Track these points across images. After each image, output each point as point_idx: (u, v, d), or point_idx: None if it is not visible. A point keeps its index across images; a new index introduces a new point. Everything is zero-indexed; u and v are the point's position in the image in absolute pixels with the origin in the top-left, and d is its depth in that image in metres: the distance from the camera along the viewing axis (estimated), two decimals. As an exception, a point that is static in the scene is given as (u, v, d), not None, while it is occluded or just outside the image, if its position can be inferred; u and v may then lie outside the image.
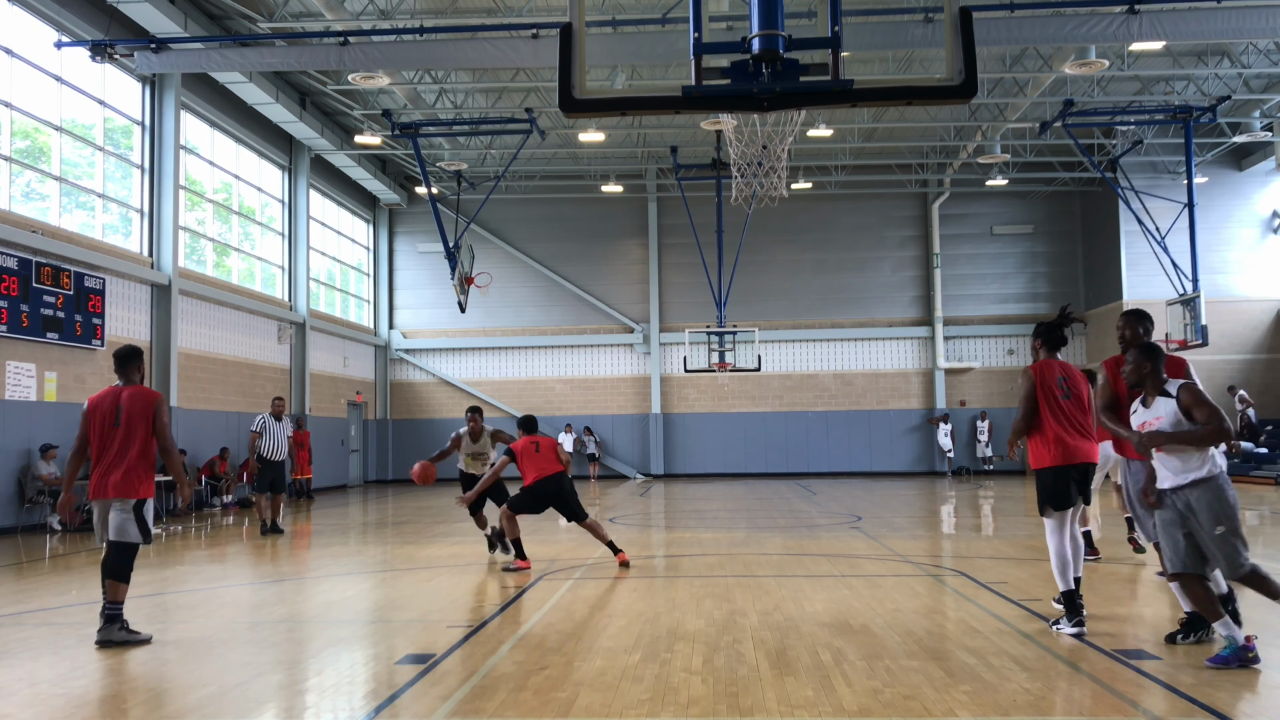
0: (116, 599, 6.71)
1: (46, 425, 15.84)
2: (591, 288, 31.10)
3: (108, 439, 6.89)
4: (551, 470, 9.97)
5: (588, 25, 6.65)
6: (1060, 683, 5.33)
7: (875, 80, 20.09)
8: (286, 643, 6.86)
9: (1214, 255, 26.30)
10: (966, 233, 30.93)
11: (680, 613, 7.47)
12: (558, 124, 24.83)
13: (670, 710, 4.94)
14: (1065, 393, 6.78)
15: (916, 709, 4.88)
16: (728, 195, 21.98)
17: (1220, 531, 5.54)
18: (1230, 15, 15.89)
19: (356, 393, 29.35)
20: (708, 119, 21.33)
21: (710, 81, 5.30)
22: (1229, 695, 5.13)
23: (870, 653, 6.06)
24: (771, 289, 30.69)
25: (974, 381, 30.32)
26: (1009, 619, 7.06)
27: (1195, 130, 23.51)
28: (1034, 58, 21.17)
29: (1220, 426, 5.58)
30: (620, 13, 18.31)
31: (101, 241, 17.88)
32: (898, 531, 13.45)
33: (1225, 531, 5.54)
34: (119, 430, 6.87)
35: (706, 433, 30.65)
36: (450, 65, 19.93)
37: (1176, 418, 5.72)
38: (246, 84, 20.96)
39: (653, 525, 15.16)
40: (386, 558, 11.54)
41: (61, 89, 16.97)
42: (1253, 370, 27.32)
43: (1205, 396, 5.73)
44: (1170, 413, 5.74)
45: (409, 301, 31.65)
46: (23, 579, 10.07)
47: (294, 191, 25.58)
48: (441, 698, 5.25)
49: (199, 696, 5.41)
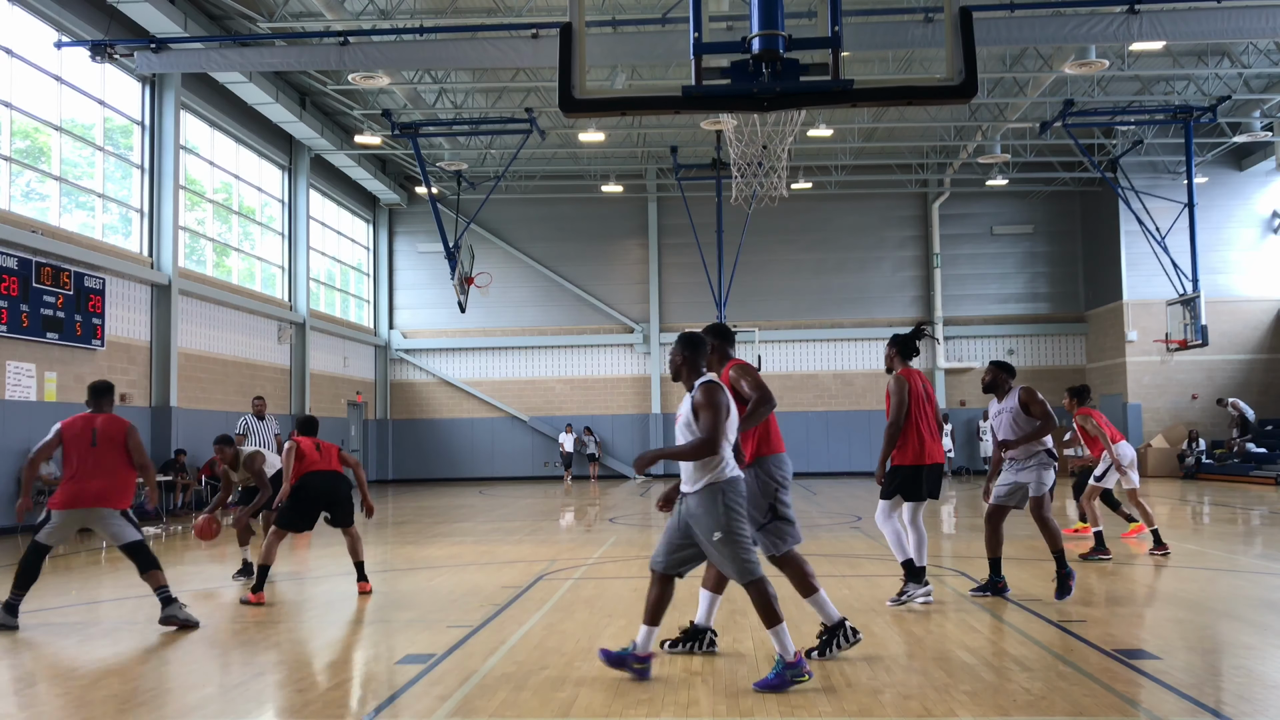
0: (160, 584, 7.31)
1: (46, 425, 15.69)
2: (591, 288, 31.09)
3: (85, 456, 7.44)
4: (330, 466, 8.84)
5: (588, 25, 6.65)
6: (1060, 683, 5.33)
7: (875, 80, 20.12)
8: (286, 643, 6.86)
9: (1214, 255, 26.29)
10: (966, 233, 30.93)
11: (680, 613, 7.46)
12: (558, 124, 24.82)
13: (670, 710, 4.94)
14: (926, 397, 7.60)
15: (916, 709, 4.88)
16: (728, 195, 21.97)
17: (717, 539, 5.32)
18: (1230, 15, 15.88)
19: (356, 393, 29.35)
20: (708, 119, 21.33)
21: (710, 81, 5.31)
22: (1229, 695, 5.13)
23: (870, 653, 6.06)
24: (771, 289, 30.69)
25: (974, 381, 30.28)
26: (1009, 619, 7.06)
27: (1195, 130, 23.51)
28: (1034, 58, 21.17)
29: (703, 441, 5.26)
30: (620, 13, 18.30)
31: (101, 241, 17.87)
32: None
33: (722, 539, 5.31)
34: (96, 449, 7.47)
35: (706, 433, 30.57)
36: (450, 65, 19.93)
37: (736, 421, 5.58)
38: (246, 84, 20.96)
39: (653, 525, 15.16)
40: (386, 558, 11.55)
41: (61, 89, 16.97)
42: (1253, 370, 27.32)
43: (709, 404, 5.32)
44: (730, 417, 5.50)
45: (409, 301, 31.65)
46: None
47: (294, 191, 25.58)
48: (441, 698, 5.25)
49: (199, 696, 5.41)
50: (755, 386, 5.88)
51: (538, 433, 30.72)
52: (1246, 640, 6.40)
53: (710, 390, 5.35)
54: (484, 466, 30.78)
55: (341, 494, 8.80)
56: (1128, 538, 11.91)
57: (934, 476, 7.57)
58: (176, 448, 18.85)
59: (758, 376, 5.98)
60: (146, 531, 14.52)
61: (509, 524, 15.52)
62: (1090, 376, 29.75)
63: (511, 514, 17.57)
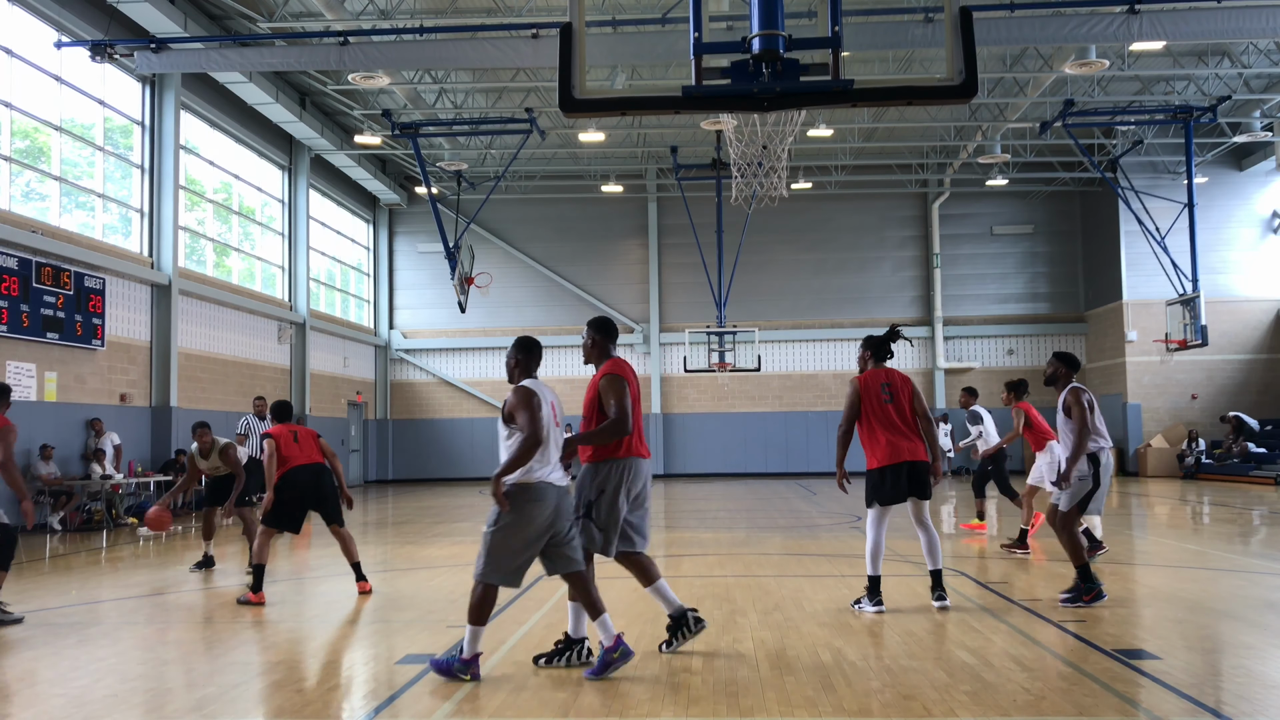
0: None
1: (46, 425, 15.84)
2: (591, 288, 31.09)
3: None
4: (310, 459, 8.71)
5: (588, 25, 6.65)
6: (1060, 683, 5.33)
7: (875, 80, 20.12)
8: (286, 643, 6.86)
9: (1214, 255, 26.30)
10: (966, 233, 30.93)
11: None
12: (558, 124, 24.82)
13: (670, 710, 4.94)
14: (889, 398, 7.40)
15: (916, 709, 4.88)
16: (728, 195, 21.98)
17: (484, 530, 5.58)
18: (1230, 15, 15.89)
19: (357, 393, 29.35)
20: (708, 119, 21.32)
21: (710, 81, 5.30)
22: (1229, 695, 5.13)
23: (870, 653, 6.06)
24: (771, 289, 30.70)
25: (974, 382, 30.26)
26: (1009, 619, 7.06)
27: (1195, 130, 23.51)
28: (1034, 58, 21.17)
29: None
30: (620, 13, 18.30)
31: (101, 241, 17.87)
32: (898, 531, 13.42)
33: (485, 532, 5.56)
34: None
35: (706, 433, 30.65)
36: (450, 65, 19.92)
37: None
38: (246, 84, 20.96)
39: (653, 525, 15.16)
40: (386, 558, 11.54)
41: (61, 89, 16.96)
42: (1253, 370, 27.32)
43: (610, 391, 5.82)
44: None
45: (409, 301, 31.65)
46: (23, 579, 10.06)
47: (294, 191, 25.58)
48: (441, 698, 5.25)
49: (199, 696, 5.40)
50: (618, 409, 5.81)
51: (538, 433, 30.67)
52: (1246, 640, 6.40)
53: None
54: (484, 466, 30.74)
55: (326, 489, 8.71)
56: (969, 527, 12.76)
57: (915, 475, 7.27)
58: (177, 448, 18.83)
59: (623, 398, 5.84)
60: (141, 532, 14.59)
61: (509, 524, 15.50)
62: (1090, 376, 29.77)
63: (511, 514, 17.54)
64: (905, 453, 7.27)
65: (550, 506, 5.52)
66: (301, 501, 8.61)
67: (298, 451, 8.64)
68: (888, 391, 7.37)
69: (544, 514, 5.49)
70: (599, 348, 6.19)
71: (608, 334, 6.24)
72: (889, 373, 7.53)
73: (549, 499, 5.51)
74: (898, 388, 7.44)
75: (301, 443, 8.72)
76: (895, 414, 7.35)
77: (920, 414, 7.40)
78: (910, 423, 7.39)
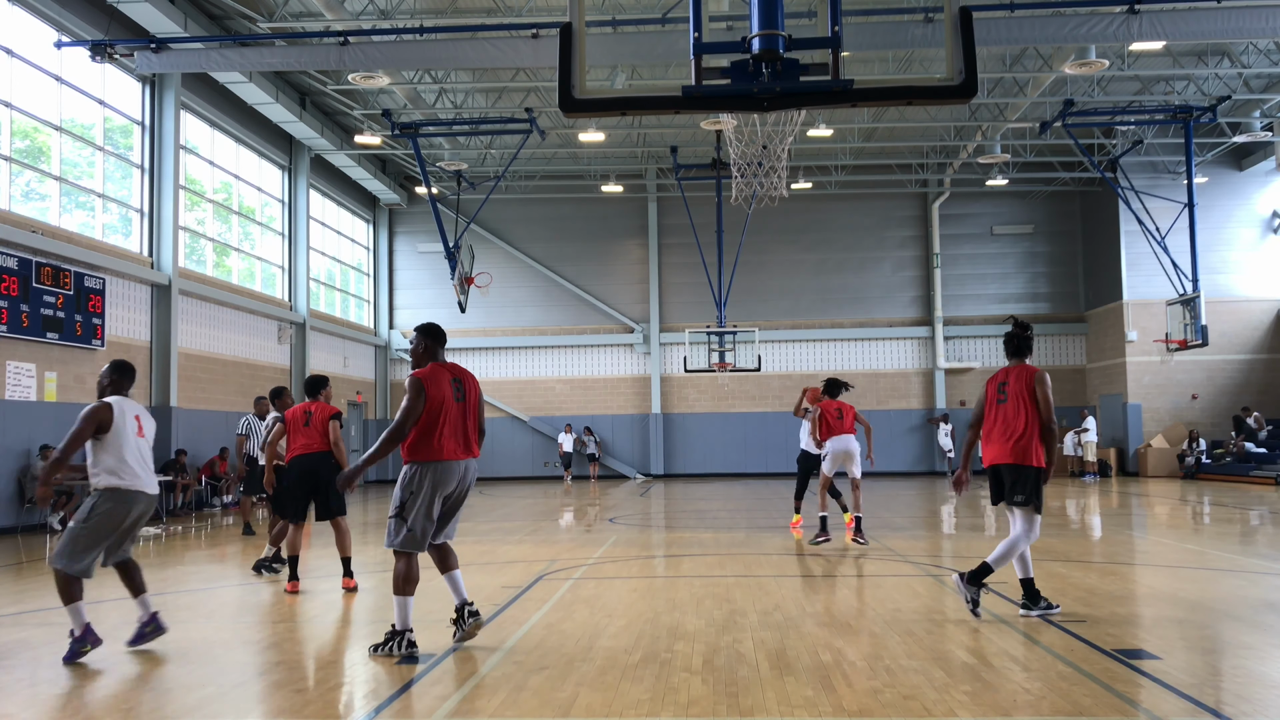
0: None
1: (46, 425, 15.84)
2: (591, 288, 31.10)
3: None
4: (315, 448, 8.58)
5: (588, 25, 6.65)
6: (1060, 683, 5.33)
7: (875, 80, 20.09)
8: (286, 643, 6.86)
9: (1214, 255, 26.31)
10: (966, 233, 30.93)
11: (680, 613, 7.47)
12: (558, 124, 24.83)
13: (670, 710, 4.94)
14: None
15: (916, 709, 4.88)
16: (728, 195, 21.97)
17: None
18: (1230, 15, 15.90)
19: (357, 393, 29.36)
20: (708, 119, 21.33)
21: (710, 81, 5.30)
22: (1229, 695, 5.13)
23: (870, 653, 6.06)
24: (771, 289, 30.70)
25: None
26: (1009, 619, 7.06)
27: (1195, 130, 23.52)
28: (1034, 58, 21.17)
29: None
30: (620, 13, 18.31)
31: (101, 241, 17.87)
32: (898, 531, 13.46)
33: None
34: None
35: (706, 433, 30.65)
36: (450, 65, 19.93)
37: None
38: (246, 84, 20.96)
39: (653, 525, 15.16)
40: (387, 558, 11.52)
41: (61, 89, 16.97)
42: (1253, 370, 27.33)
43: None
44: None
45: (409, 301, 31.65)
46: (23, 579, 10.06)
47: (294, 191, 25.58)
48: (441, 698, 5.25)
49: (199, 696, 5.40)
50: (400, 415, 6.15)
51: (537, 433, 30.72)
52: (1246, 640, 6.40)
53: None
54: (483, 466, 30.34)
55: (323, 480, 8.67)
56: (795, 527, 13.20)
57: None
58: (177, 448, 18.84)
59: (413, 404, 6.09)
60: (146, 532, 14.58)
61: (509, 524, 15.52)
62: (1090, 376, 29.77)
63: (511, 514, 17.56)
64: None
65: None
66: (298, 489, 8.67)
67: (302, 439, 8.70)
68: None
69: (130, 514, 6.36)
70: (429, 352, 6.43)
71: (435, 338, 6.45)
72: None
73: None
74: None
75: (313, 426, 8.77)
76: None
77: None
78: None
